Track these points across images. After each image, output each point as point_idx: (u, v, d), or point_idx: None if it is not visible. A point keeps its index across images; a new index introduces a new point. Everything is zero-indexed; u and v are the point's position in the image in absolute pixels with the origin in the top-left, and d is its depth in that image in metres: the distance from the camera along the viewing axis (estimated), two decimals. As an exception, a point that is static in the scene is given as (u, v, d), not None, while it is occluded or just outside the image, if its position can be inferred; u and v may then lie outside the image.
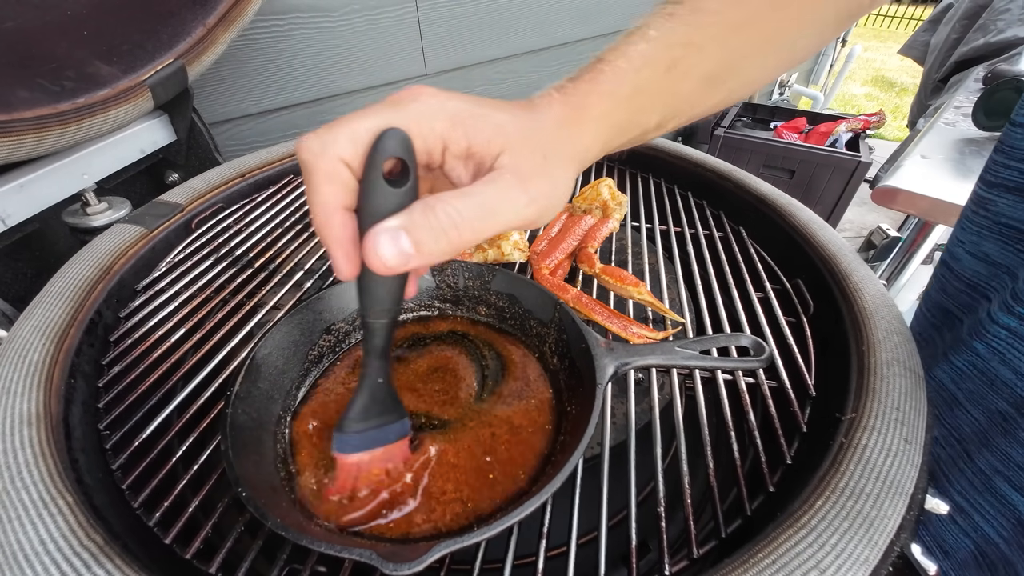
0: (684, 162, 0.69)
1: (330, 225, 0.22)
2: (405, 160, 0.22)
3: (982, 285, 0.39)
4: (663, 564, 0.29)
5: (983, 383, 0.37)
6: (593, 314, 0.44)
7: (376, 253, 0.21)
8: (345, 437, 0.29)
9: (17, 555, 0.24)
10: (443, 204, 0.21)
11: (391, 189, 0.21)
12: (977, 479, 0.38)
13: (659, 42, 0.26)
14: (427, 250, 0.21)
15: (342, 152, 0.21)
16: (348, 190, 0.22)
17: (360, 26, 0.98)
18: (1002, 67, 1.22)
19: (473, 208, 0.22)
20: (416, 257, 0.21)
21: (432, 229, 0.21)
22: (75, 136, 0.54)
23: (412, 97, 0.22)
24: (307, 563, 0.29)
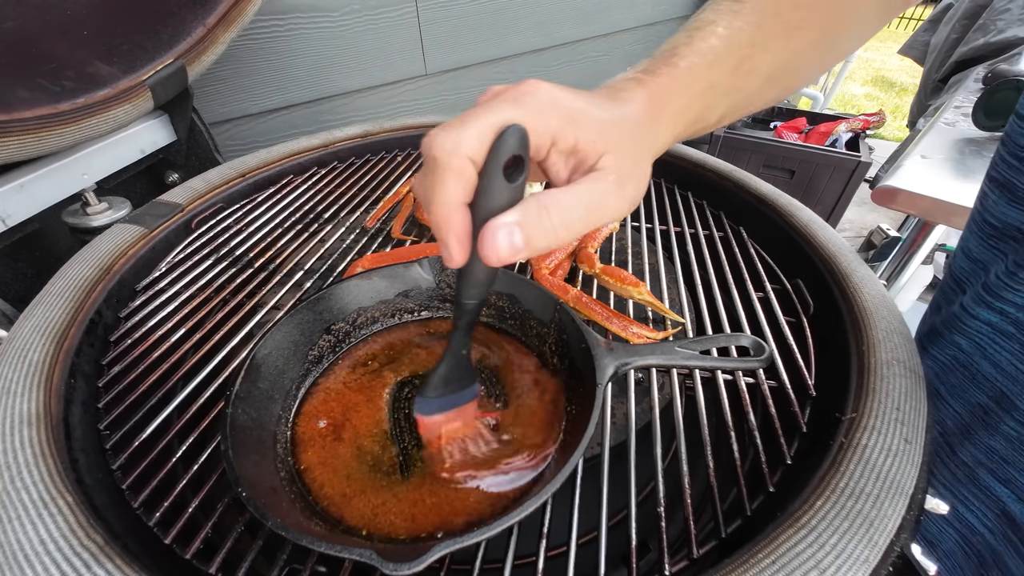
0: (684, 162, 0.69)
1: (452, 220, 0.23)
2: (522, 156, 0.22)
3: (963, 280, 0.40)
4: (663, 564, 0.29)
5: (965, 377, 0.38)
6: (593, 314, 0.44)
7: (493, 246, 0.22)
8: (426, 401, 0.32)
9: (17, 555, 0.24)
10: (555, 203, 0.23)
11: (507, 184, 0.22)
12: (960, 471, 0.39)
13: (728, 41, 0.27)
14: (535, 245, 0.23)
15: (471, 151, 0.22)
16: (471, 186, 0.23)
17: (360, 26, 0.98)
18: (1002, 67, 1.22)
19: (581, 208, 0.23)
20: (524, 251, 0.23)
21: (544, 227, 0.23)
22: (75, 136, 0.54)
23: (530, 92, 0.23)
24: (307, 563, 0.29)
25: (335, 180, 0.71)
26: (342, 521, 0.29)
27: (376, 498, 0.30)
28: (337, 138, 0.77)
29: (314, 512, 0.29)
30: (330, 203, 0.65)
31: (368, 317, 0.42)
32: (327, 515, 0.30)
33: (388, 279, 0.42)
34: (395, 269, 0.42)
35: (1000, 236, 0.36)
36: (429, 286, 0.43)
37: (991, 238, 0.37)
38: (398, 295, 0.43)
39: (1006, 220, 0.36)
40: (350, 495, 0.31)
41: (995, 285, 0.35)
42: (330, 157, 0.76)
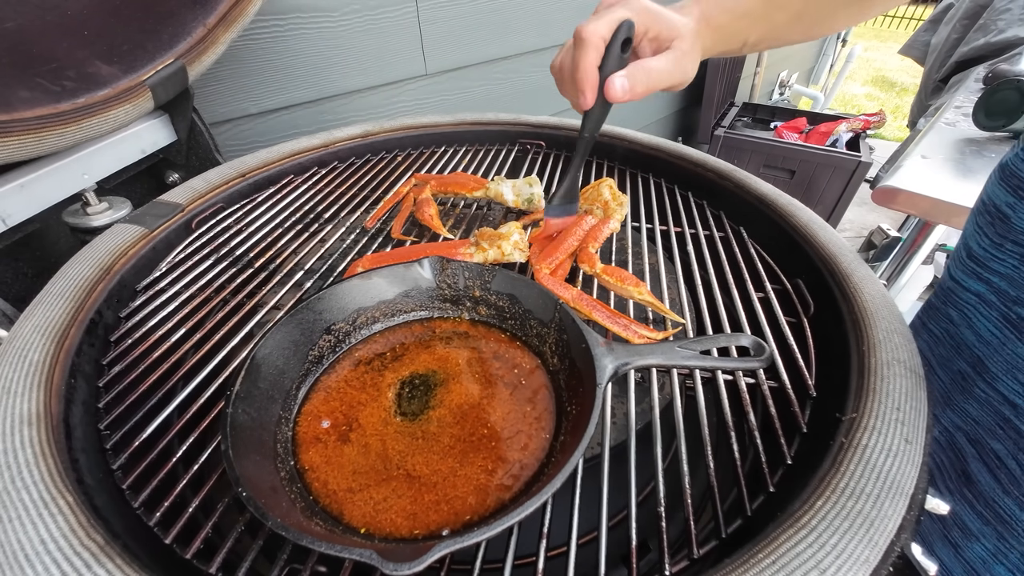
0: (684, 162, 0.69)
1: (588, 73, 0.39)
2: (630, 38, 0.40)
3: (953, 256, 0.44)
4: (663, 564, 0.29)
5: (951, 347, 0.41)
6: (594, 314, 0.44)
7: (613, 88, 0.39)
8: (552, 207, 0.50)
9: (17, 555, 0.24)
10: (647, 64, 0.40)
11: (621, 55, 0.40)
12: (942, 437, 0.41)
13: None
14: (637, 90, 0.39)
15: (603, 33, 0.38)
16: (599, 55, 0.39)
17: (360, 26, 0.98)
18: (1003, 67, 1.22)
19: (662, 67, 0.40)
20: (629, 93, 0.39)
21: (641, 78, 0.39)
22: (75, 136, 0.54)
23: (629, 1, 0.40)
24: (307, 563, 0.29)
25: (335, 180, 0.71)
26: (342, 521, 0.29)
27: (377, 494, 0.30)
28: (337, 138, 0.77)
29: (314, 512, 0.29)
30: (330, 203, 0.65)
31: (368, 317, 0.42)
32: (327, 514, 0.30)
33: (388, 279, 0.42)
34: (395, 269, 0.42)
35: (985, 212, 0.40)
36: (429, 286, 0.43)
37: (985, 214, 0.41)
38: (398, 295, 0.43)
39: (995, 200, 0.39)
40: (353, 492, 0.31)
41: (980, 255, 0.39)
42: (330, 157, 0.76)
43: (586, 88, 0.39)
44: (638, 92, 0.39)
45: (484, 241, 0.51)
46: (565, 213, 0.50)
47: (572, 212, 0.51)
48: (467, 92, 1.24)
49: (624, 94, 0.39)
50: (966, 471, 0.39)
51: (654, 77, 0.39)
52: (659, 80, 0.39)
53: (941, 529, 0.41)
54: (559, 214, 0.50)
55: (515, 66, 1.31)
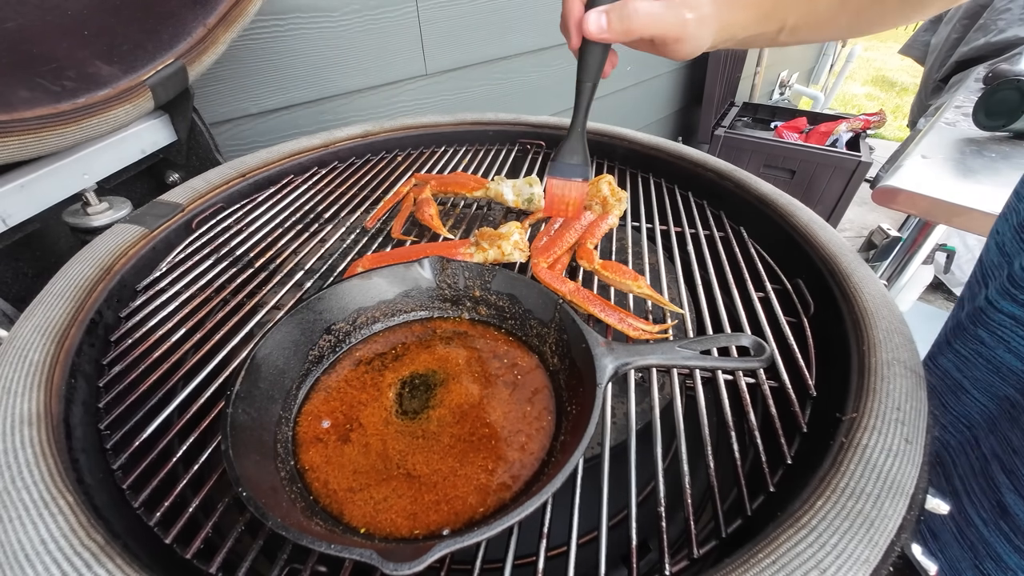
0: (684, 162, 0.69)
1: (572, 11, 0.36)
2: None
3: (988, 273, 0.40)
4: (663, 564, 0.29)
5: (989, 370, 0.38)
6: (591, 307, 0.44)
7: (587, 23, 0.35)
8: (556, 165, 0.46)
9: (18, 555, 0.24)
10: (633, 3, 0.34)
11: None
12: (978, 463, 0.39)
13: None
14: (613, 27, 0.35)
15: None
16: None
17: (360, 26, 0.98)
18: (1003, 67, 1.22)
19: (649, 12, 0.34)
20: (607, 32, 0.35)
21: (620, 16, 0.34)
22: (76, 136, 0.54)
23: None
24: (307, 563, 0.29)
25: (335, 180, 0.71)
26: (342, 521, 0.29)
27: (378, 493, 0.30)
28: (337, 138, 0.77)
29: (314, 512, 0.29)
30: (330, 203, 0.65)
31: (368, 317, 0.42)
32: (328, 514, 0.30)
33: (388, 279, 0.42)
34: (395, 269, 0.42)
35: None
36: (429, 286, 0.43)
37: (1022, 230, 0.37)
38: (398, 295, 0.43)
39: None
40: (353, 491, 0.31)
41: (1020, 277, 0.35)
42: (330, 157, 0.76)
43: (569, 25, 0.36)
44: (616, 30, 0.34)
45: (484, 241, 0.51)
46: (573, 174, 0.45)
47: (581, 174, 0.46)
48: (467, 92, 1.24)
49: (599, 31, 0.34)
50: (1001, 502, 0.37)
51: (637, 18, 0.33)
52: (643, 23, 0.34)
53: (972, 558, 0.39)
54: (565, 173, 0.46)
55: (515, 66, 1.31)
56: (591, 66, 0.39)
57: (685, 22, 0.34)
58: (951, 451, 0.41)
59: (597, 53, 0.39)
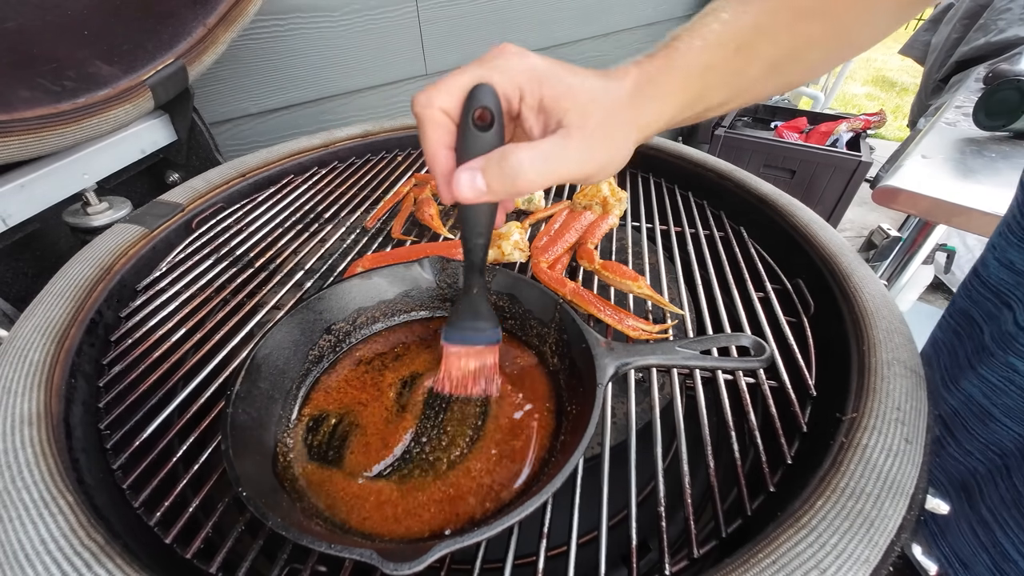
0: (684, 162, 0.69)
1: (436, 160, 0.28)
2: (491, 108, 0.26)
3: (1005, 293, 0.38)
4: (663, 564, 0.29)
5: (1023, 399, 0.36)
6: (590, 307, 0.44)
7: (458, 186, 0.26)
8: (451, 330, 0.35)
9: (18, 555, 0.24)
10: (514, 153, 0.25)
11: (479, 133, 0.26)
12: (1009, 495, 0.37)
13: (731, 25, 0.27)
14: (496, 189, 0.26)
15: (442, 103, 0.26)
16: (448, 133, 0.27)
17: (360, 26, 0.98)
18: (1003, 67, 1.22)
19: (537, 159, 0.25)
20: (487, 194, 0.26)
21: (502, 173, 0.26)
22: (76, 136, 0.54)
23: (499, 54, 0.26)
24: (307, 563, 0.29)
25: (335, 180, 0.71)
26: (342, 521, 0.29)
27: (379, 494, 0.30)
28: (337, 138, 0.77)
29: (315, 512, 0.29)
30: (330, 203, 0.65)
31: (368, 317, 0.42)
32: (328, 514, 0.30)
33: (388, 279, 0.42)
34: (395, 269, 0.42)
35: None
36: (429, 286, 0.43)
37: None
38: (398, 295, 0.43)
39: None
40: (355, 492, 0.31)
41: None
42: (330, 157, 0.76)
43: (437, 176, 0.28)
44: (498, 192, 0.26)
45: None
46: (477, 340, 0.35)
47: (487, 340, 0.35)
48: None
49: (476, 195, 0.26)
50: None
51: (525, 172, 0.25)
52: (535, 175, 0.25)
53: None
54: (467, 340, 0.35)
55: (515, 66, 1.31)
56: (479, 222, 0.30)
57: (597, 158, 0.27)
58: (979, 478, 0.40)
59: (484, 209, 0.30)
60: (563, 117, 0.26)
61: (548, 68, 0.26)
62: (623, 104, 0.27)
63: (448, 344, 0.35)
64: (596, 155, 0.27)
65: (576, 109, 0.26)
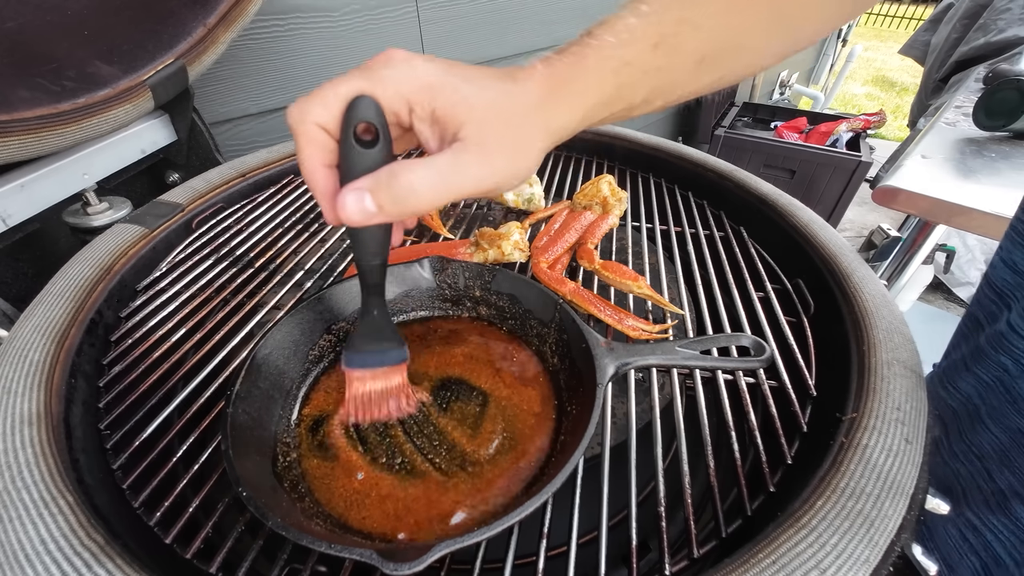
0: (684, 162, 0.69)
1: (314, 180, 0.25)
2: (375, 123, 0.24)
3: (1007, 294, 0.38)
4: (663, 564, 0.29)
5: (1007, 400, 0.36)
6: (591, 307, 0.44)
7: (344, 210, 0.24)
8: (351, 355, 0.33)
9: (18, 555, 0.24)
10: (405, 172, 0.23)
11: (363, 150, 0.24)
12: (994, 499, 0.37)
13: (650, 17, 0.25)
14: (388, 211, 0.24)
15: (317, 118, 0.24)
16: (327, 150, 0.24)
17: (360, 26, 0.98)
18: (1003, 67, 1.22)
19: (432, 177, 0.23)
20: (379, 216, 0.24)
21: (393, 194, 0.23)
22: (76, 136, 0.54)
23: (383, 63, 0.24)
24: (307, 563, 0.29)
25: (335, 180, 0.71)
26: (343, 521, 0.29)
27: (379, 494, 0.30)
28: (337, 138, 0.77)
29: (314, 512, 0.29)
30: (330, 203, 0.65)
31: (368, 317, 0.42)
32: (328, 514, 0.30)
33: (388, 279, 0.42)
34: (395, 269, 0.42)
35: None
36: (429, 286, 0.43)
37: None
38: (398, 295, 0.43)
39: None
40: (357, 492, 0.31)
41: None
42: (330, 157, 0.76)
43: (318, 197, 0.25)
44: (391, 214, 0.24)
45: (484, 241, 0.51)
46: (376, 362, 0.33)
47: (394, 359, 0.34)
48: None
49: (365, 217, 0.24)
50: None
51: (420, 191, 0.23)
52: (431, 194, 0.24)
53: None
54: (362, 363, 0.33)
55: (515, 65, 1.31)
56: (371, 242, 0.28)
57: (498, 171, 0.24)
58: (961, 481, 0.40)
59: (376, 229, 0.27)
60: (459, 130, 0.23)
61: (439, 77, 0.24)
62: (529, 109, 0.24)
63: (349, 369, 0.32)
64: (497, 168, 0.24)
65: (473, 121, 0.23)
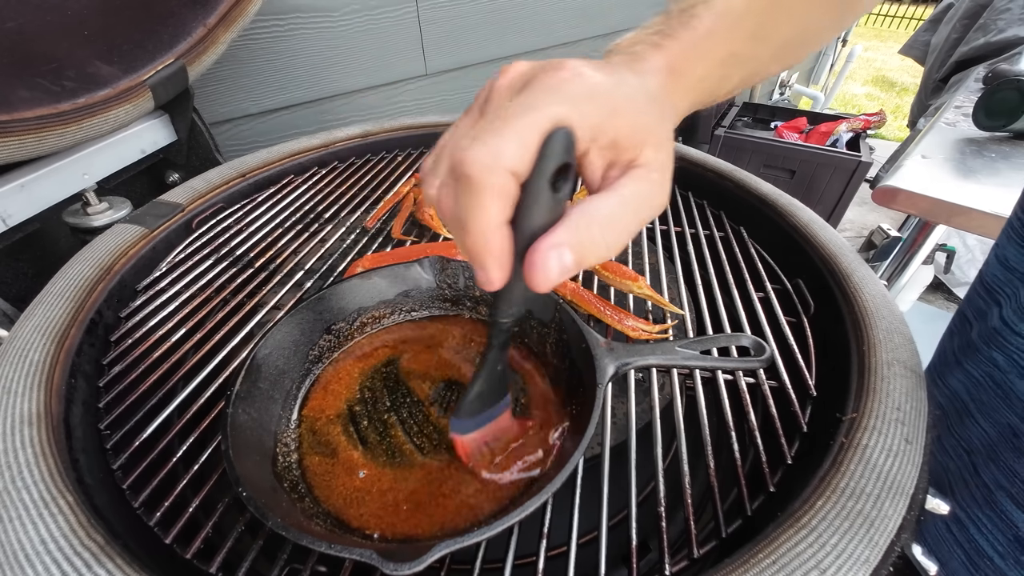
0: (684, 162, 0.69)
1: (492, 243, 0.20)
2: (571, 163, 0.20)
3: (995, 290, 0.38)
4: (663, 564, 0.29)
5: (997, 395, 0.36)
6: (590, 307, 0.44)
7: (544, 270, 0.19)
8: (460, 421, 0.30)
9: (18, 555, 0.24)
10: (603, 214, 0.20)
11: (554, 195, 0.20)
12: (980, 492, 0.37)
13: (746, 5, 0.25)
14: (587, 263, 0.20)
15: (514, 164, 0.18)
16: (513, 203, 0.19)
17: (360, 26, 0.98)
18: (1003, 67, 1.22)
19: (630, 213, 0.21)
20: (574, 270, 0.20)
21: (595, 243, 0.20)
22: (76, 136, 0.54)
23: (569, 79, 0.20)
24: (307, 563, 0.29)
25: (335, 180, 0.71)
26: (342, 520, 0.29)
27: (378, 492, 0.30)
28: (337, 138, 0.77)
29: (314, 512, 0.29)
30: (330, 203, 0.65)
31: (369, 317, 0.42)
32: (328, 514, 0.30)
33: (388, 279, 0.42)
34: (395, 269, 0.42)
35: None
36: (429, 286, 0.43)
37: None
38: (399, 295, 0.43)
39: None
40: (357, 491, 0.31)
41: None
42: (330, 157, 0.76)
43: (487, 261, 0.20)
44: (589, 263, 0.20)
45: None
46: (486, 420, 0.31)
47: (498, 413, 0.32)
48: (467, 92, 1.24)
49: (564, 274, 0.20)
50: (1019, 537, 0.35)
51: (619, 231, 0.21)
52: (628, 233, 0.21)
53: None
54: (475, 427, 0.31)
55: (515, 66, 1.31)
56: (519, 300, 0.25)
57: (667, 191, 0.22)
58: (950, 476, 0.40)
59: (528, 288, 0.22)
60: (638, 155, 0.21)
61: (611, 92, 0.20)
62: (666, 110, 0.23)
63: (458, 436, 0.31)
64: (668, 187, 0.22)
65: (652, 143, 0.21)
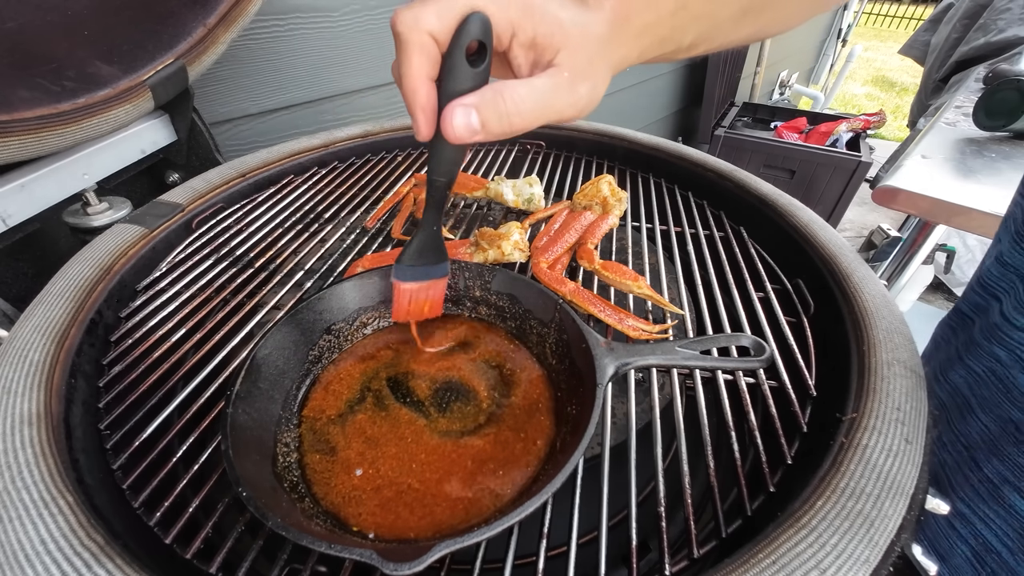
0: (684, 162, 0.69)
1: (416, 91, 0.25)
2: (484, 42, 0.24)
3: (992, 286, 0.39)
4: (663, 564, 0.29)
5: (999, 390, 0.36)
6: (591, 307, 0.44)
7: (451, 124, 0.25)
8: (402, 268, 0.36)
9: (17, 555, 0.24)
10: (510, 91, 0.25)
11: (470, 68, 0.25)
12: (983, 487, 0.37)
13: None
14: (490, 129, 0.25)
15: (431, 27, 0.23)
16: (433, 62, 0.25)
17: (360, 26, 0.98)
18: (1003, 67, 1.22)
19: (534, 98, 0.25)
20: (480, 133, 0.25)
21: (498, 112, 0.25)
22: (76, 136, 0.54)
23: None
24: (307, 563, 0.29)
25: (335, 180, 0.71)
26: (342, 520, 0.29)
27: (378, 492, 0.30)
28: (337, 138, 0.77)
29: (315, 512, 0.29)
30: (330, 203, 0.65)
31: (369, 317, 0.42)
32: (328, 514, 0.30)
33: (388, 279, 0.42)
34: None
35: None
36: (429, 286, 0.43)
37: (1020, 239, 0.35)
38: (398, 295, 0.42)
39: None
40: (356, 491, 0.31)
41: None
42: (330, 157, 0.76)
43: (415, 110, 0.25)
44: (493, 132, 0.25)
45: (484, 241, 0.51)
46: (424, 275, 0.37)
47: (440, 273, 0.37)
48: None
49: (471, 134, 0.25)
50: None
51: (523, 112, 0.25)
52: (532, 115, 0.25)
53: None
54: (412, 276, 0.36)
55: (515, 66, 1.31)
56: (447, 160, 0.29)
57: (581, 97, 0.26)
58: (948, 470, 0.40)
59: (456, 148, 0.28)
60: (555, 56, 0.25)
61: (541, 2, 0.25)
62: (604, 41, 0.26)
63: (399, 282, 0.36)
64: (582, 94, 0.26)
65: (568, 48, 0.25)
